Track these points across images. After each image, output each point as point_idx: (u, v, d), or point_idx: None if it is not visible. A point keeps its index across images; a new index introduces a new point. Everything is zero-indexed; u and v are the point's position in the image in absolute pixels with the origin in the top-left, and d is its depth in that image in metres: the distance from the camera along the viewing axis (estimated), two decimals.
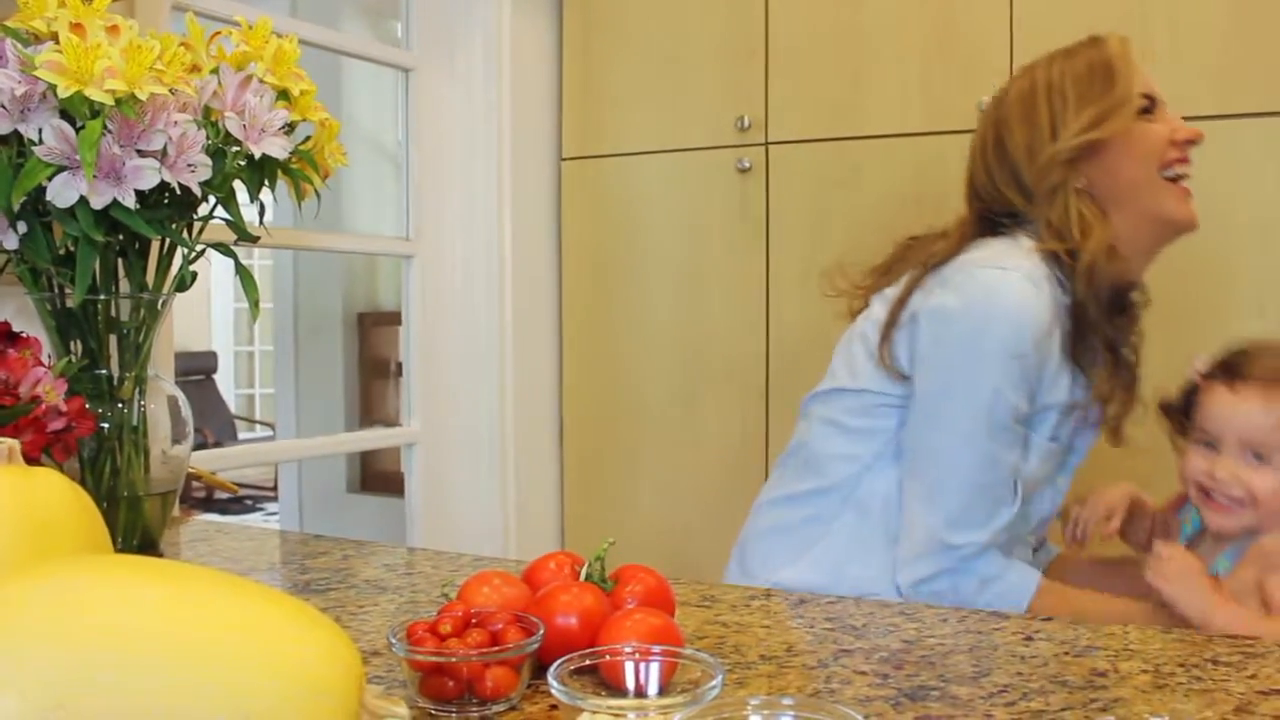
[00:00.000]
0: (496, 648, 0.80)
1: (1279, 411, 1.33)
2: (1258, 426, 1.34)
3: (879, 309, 1.52)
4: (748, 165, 2.38)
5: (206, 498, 6.21)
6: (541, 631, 0.83)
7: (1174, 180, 1.48)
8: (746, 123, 2.38)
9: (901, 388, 1.47)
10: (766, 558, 1.53)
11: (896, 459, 1.48)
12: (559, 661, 0.76)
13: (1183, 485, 1.44)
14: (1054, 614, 1.39)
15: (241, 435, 7.79)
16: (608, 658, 0.79)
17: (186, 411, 1.37)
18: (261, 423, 8.28)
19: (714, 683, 0.73)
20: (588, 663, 0.78)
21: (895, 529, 1.46)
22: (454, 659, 0.79)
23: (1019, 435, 1.42)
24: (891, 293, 1.51)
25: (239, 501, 6.47)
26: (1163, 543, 1.40)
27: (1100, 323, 1.44)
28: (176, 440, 1.36)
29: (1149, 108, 1.48)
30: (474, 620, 0.84)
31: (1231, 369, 1.38)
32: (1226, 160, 1.99)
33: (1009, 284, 1.40)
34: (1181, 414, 1.44)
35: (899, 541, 1.45)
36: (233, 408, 8.21)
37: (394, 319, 4.19)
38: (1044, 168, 1.47)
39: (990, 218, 1.52)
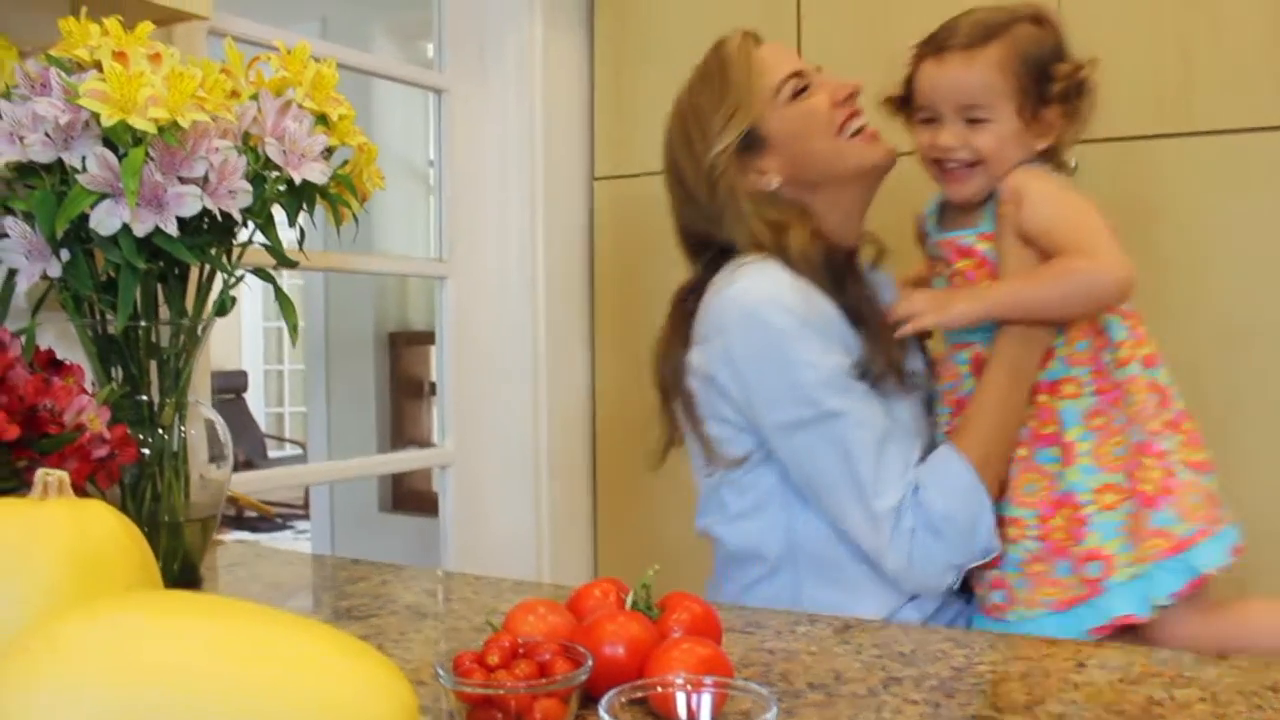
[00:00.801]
0: (545, 680, 0.80)
1: (980, 69, 1.37)
2: (966, 88, 1.38)
3: (681, 413, 1.52)
4: None
5: (236, 516, 6.24)
6: (590, 663, 0.82)
7: (856, 134, 1.50)
8: None
9: (750, 441, 1.45)
10: None
11: (799, 496, 1.43)
12: (611, 693, 0.75)
13: (922, 163, 1.47)
14: (984, 444, 1.38)
15: (271, 453, 7.82)
16: (660, 689, 0.78)
17: (225, 435, 1.37)
18: (291, 441, 8.32)
19: (769, 715, 0.72)
20: (639, 694, 0.77)
21: (854, 551, 1.40)
22: (503, 691, 0.78)
23: (864, 388, 1.39)
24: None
25: (268, 519, 6.50)
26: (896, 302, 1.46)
27: (834, 296, 1.43)
28: (215, 464, 1.36)
29: (801, 87, 1.49)
30: (521, 651, 0.83)
31: (933, 41, 1.42)
32: (1275, 174, 1.97)
33: (745, 284, 1.41)
34: (906, 101, 1.49)
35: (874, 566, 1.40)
36: (263, 426, 8.25)
37: (425, 338, 4.20)
38: (713, 185, 1.48)
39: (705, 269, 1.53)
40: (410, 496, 4.20)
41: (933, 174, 1.45)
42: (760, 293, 1.40)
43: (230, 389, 7.57)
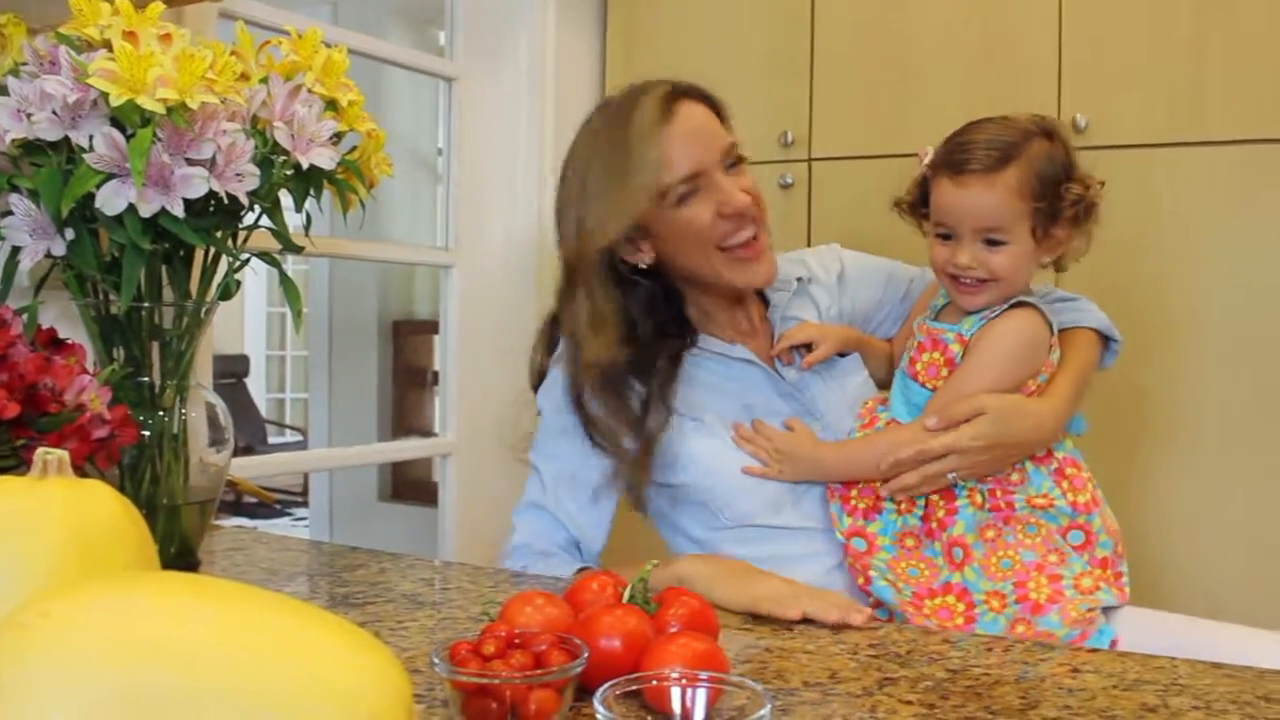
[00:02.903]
0: (541, 670, 0.79)
1: (999, 194, 1.38)
2: (985, 213, 1.39)
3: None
4: (790, 181, 2.36)
5: (235, 501, 6.23)
6: (586, 655, 0.81)
7: (738, 246, 1.49)
8: (790, 138, 2.37)
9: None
10: None
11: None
12: (605, 686, 0.75)
13: (934, 273, 1.50)
14: None
15: (272, 439, 7.82)
16: (655, 683, 0.78)
17: (226, 419, 1.37)
18: (291, 427, 8.31)
19: (762, 712, 0.72)
20: (633, 687, 0.77)
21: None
22: (498, 681, 0.78)
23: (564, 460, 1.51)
24: None
25: (267, 506, 6.49)
26: (748, 434, 1.49)
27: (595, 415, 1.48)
28: (215, 448, 1.36)
29: (688, 193, 1.44)
30: (517, 641, 0.83)
31: (954, 163, 1.42)
32: None
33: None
34: (921, 206, 1.50)
35: None
36: (264, 412, 8.24)
37: (429, 328, 4.20)
38: (574, 267, 1.48)
39: None
40: (410, 486, 4.19)
41: (945, 284, 1.47)
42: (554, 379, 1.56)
43: (231, 373, 7.55)
